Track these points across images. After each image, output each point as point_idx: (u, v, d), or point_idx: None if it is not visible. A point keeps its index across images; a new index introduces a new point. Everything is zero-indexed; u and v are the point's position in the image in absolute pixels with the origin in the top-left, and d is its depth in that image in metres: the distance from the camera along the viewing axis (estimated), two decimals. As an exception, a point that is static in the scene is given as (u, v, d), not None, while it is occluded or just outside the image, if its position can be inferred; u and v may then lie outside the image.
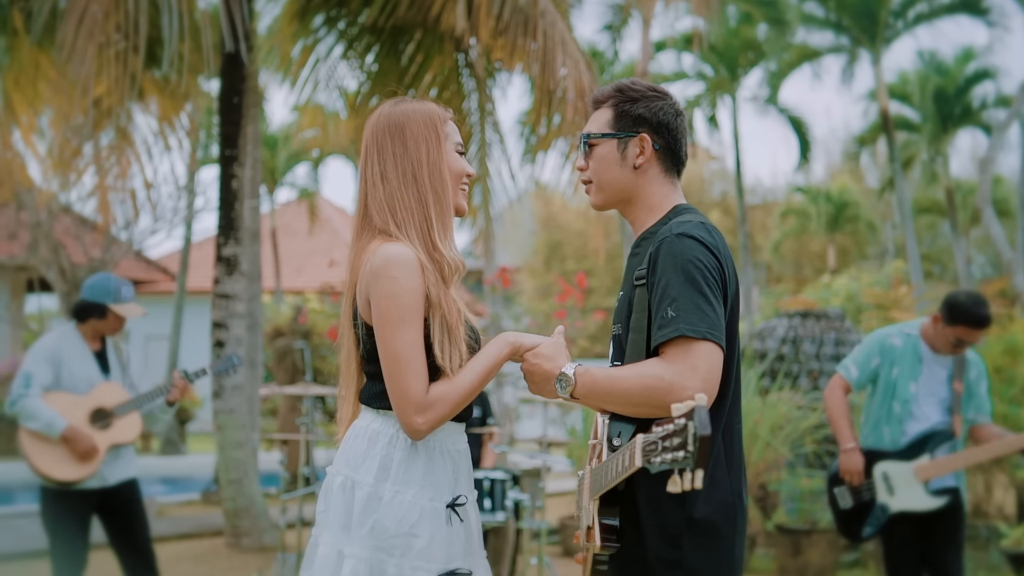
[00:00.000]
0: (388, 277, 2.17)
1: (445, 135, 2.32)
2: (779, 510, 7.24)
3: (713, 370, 2.01)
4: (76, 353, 4.75)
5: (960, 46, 23.67)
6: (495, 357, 2.23)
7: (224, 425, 7.84)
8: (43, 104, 8.92)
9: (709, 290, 2.05)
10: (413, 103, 2.35)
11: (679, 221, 2.17)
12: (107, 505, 4.82)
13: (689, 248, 2.08)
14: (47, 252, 10.45)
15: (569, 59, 7.69)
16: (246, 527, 7.84)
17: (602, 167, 2.30)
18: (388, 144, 2.30)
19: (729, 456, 2.16)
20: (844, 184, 26.63)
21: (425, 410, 2.16)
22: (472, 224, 9.09)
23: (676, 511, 2.09)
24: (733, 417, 2.19)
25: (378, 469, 2.21)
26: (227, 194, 7.86)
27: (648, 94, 2.29)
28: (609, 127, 2.29)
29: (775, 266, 29.88)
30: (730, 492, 2.14)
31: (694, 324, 2.01)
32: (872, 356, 4.54)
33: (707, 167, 32.01)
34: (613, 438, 2.10)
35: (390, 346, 2.17)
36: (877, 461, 4.49)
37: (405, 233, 2.24)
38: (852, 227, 26.28)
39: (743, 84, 21.28)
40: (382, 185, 2.29)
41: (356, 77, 9.20)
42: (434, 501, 2.21)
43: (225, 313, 7.80)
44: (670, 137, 2.28)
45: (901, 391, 4.47)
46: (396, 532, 2.17)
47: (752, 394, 7.49)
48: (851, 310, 13.49)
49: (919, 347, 4.49)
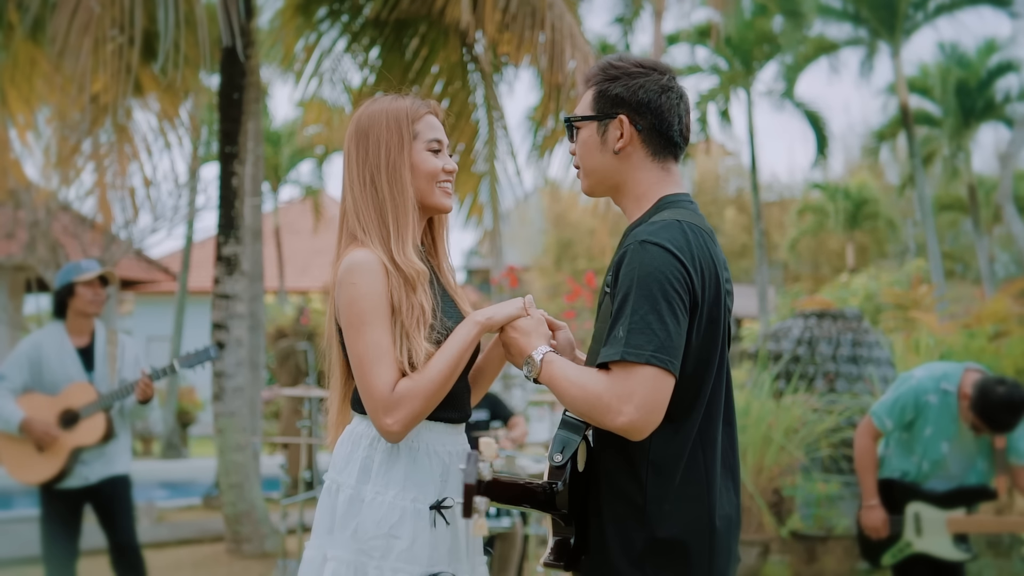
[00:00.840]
0: (347, 284, 2.21)
1: (413, 134, 2.32)
2: (794, 516, 7.20)
3: (652, 396, 1.94)
4: (56, 352, 4.82)
5: (982, 38, 23.64)
6: (463, 339, 2.22)
7: (224, 428, 7.84)
8: (39, 101, 8.94)
9: (667, 306, 1.95)
10: (385, 101, 2.36)
11: (651, 223, 2.06)
12: (95, 505, 4.91)
13: (652, 258, 1.98)
14: (45, 251, 10.48)
15: (578, 52, 7.67)
16: (247, 533, 7.84)
17: (584, 152, 2.21)
18: (354, 149, 2.33)
19: (710, 473, 2.07)
20: (863, 180, 26.53)
21: (392, 409, 2.15)
22: (478, 222, 9.07)
23: (639, 531, 2.03)
24: (715, 430, 2.10)
25: (359, 471, 2.24)
26: (227, 192, 7.86)
27: (631, 70, 2.15)
28: (590, 109, 2.19)
29: (792, 265, 29.82)
30: (706, 510, 2.05)
31: (639, 347, 1.93)
32: (907, 411, 4.41)
33: (722, 163, 31.97)
34: (555, 454, 2.04)
35: (353, 351, 2.20)
36: (912, 499, 4.46)
37: (370, 239, 2.27)
38: (871, 225, 26.20)
39: (758, 78, 21.25)
40: (350, 191, 2.33)
41: (360, 72, 9.20)
42: (417, 502, 2.21)
43: (225, 314, 7.80)
44: (655, 117, 2.13)
45: (931, 451, 4.40)
46: (376, 533, 2.18)
47: (766, 396, 7.46)
48: (870, 310, 13.46)
49: (954, 407, 4.36)
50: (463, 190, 8.89)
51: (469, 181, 8.91)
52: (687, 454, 2.05)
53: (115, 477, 4.93)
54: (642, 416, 1.94)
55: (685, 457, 2.05)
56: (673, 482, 2.03)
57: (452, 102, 8.82)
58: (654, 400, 1.94)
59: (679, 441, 2.04)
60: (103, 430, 4.80)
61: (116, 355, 4.96)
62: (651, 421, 1.96)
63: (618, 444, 2.04)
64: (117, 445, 4.92)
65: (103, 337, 4.98)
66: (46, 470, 4.77)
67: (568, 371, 2.05)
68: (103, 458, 4.87)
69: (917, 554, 4.45)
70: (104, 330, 5.02)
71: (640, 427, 1.95)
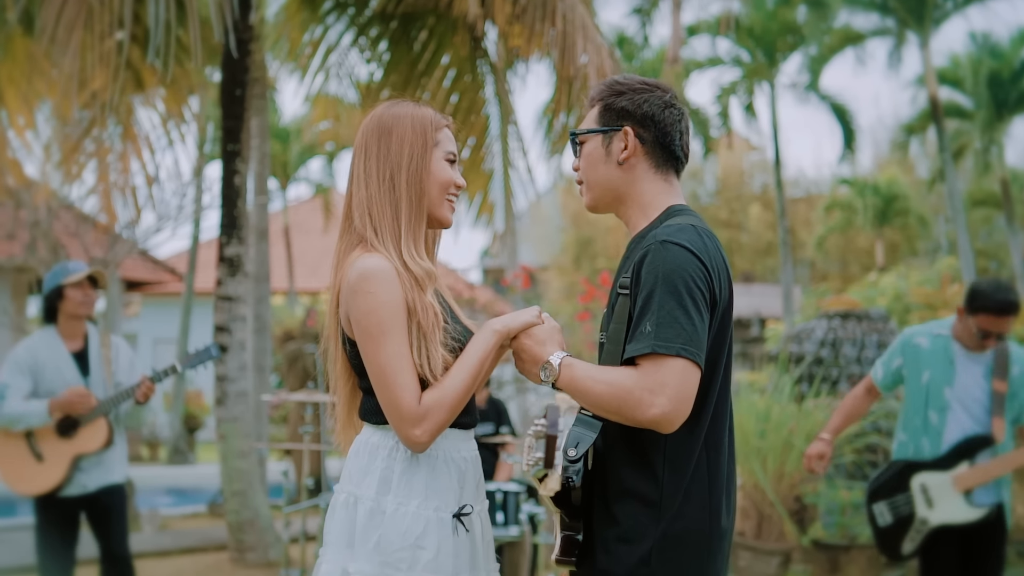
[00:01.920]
0: (364, 293, 2.23)
1: (435, 142, 2.38)
2: (816, 524, 7.16)
3: (683, 387, 2.03)
4: (52, 357, 4.83)
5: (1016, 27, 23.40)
6: (483, 349, 2.28)
7: (227, 434, 7.86)
8: (38, 99, 8.97)
9: (692, 302, 2.06)
10: (408, 106, 2.41)
11: (667, 225, 2.17)
12: (89, 512, 4.91)
13: (674, 256, 2.08)
14: (46, 252, 10.54)
15: (591, 45, 7.63)
16: (251, 541, 7.85)
17: (588, 164, 2.34)
18: (374, 145, 2.37)
19: (713, 471, 2.18)
20: (893, 176, 26.34)
21: (420, 421, 2.20)
22: (488, 222, 9.06)
23: (645, 526, 2.12)
24: (720, 431, 2.21)
25: (379, 483, 2.27)
26: (229, 191, 7.87)
27: (636, 87, 2.31)
28: (595, 123, 2.33)
29: (819, 263, 29.67)
30: (706, 509, 2.15)
31: (668, 340, 2.03)
32: (895, 356, 4.52)
33: (746, 158, 31.85)
34: (569, 449, 2.13)
35: (375, 362, 2.22)
36: (915, 472, 4.43)
37: (381, 239, 2.30)
38: (902, 221, 26.00)
39: (782, 70, 21.13)
40: (364, 187, 2.36)
41: (367, 66, 9.20)
42: (439, 511, 2.26)
43: (228, 316, 7.81)
44: (658, 131, 2.28)
45: (935, 398, 4.40)
46: (402, 545, 2.22)
47: (787, 400, 7.42)
48: (899, 310, 13.35)
49: (950, 347, 4.42)
50: (472, 188, 8.87)
51: (479, 179, 8.90)
52: (696, 454, 2.16)
53: (112, 486, 4.94)
54: (674, 407, 2.02)
55: (695, 457, 2.15)
56: (684, 480, 2.14)
57: (461, 97, 8.81)
58: (685, 391, 2.03)
59: (692, 442, 2.14)
60: (105, 437, 4.81)
61: (111, 358, 4.97)
62: (682, 411, 2.04)
63: (630, 440, 2.14)
64: (114, 452, 4.94)
65: (97, 340, 4.99)
66: (47, 480, 4.77)
67: (591, 371, 2.13)
68: (101, 466, 4.88)
69: (937, 530, 4.39)
70: (97, 333, 5.03)
71: (672, 418, 2.03)
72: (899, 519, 4.48)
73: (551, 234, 31.60)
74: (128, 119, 8.70)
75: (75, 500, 4.86)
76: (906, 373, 4.49)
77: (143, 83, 8.64)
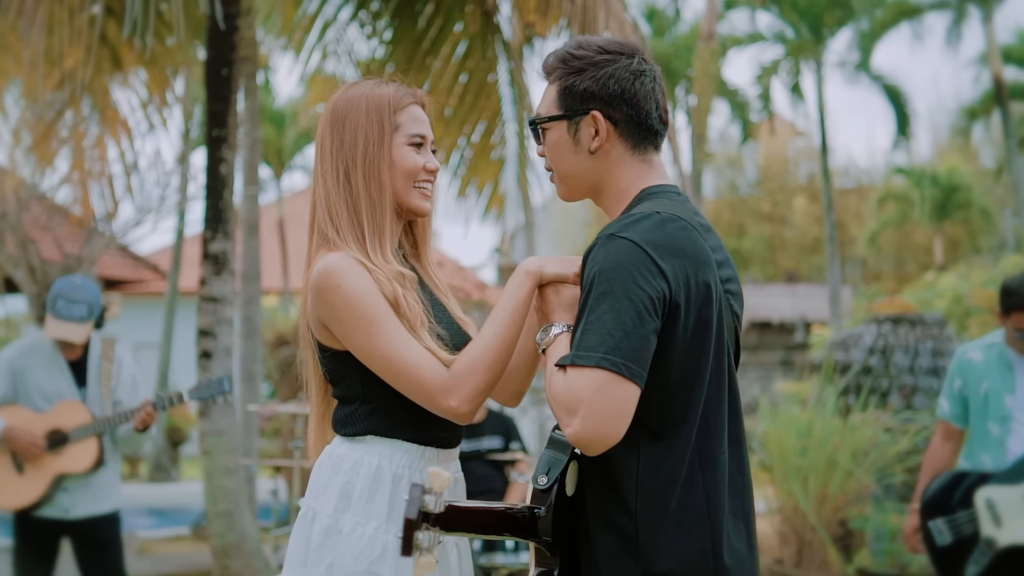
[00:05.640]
0: (331, 288, 2.23)
1: (394, 126, 2.34)
2: (863, 551, 7.14)
3: (603, 404, 1.91)
4: (44, 364, 4.80)
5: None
6: (516, 293, 2.21)
7: (211, 449, 7.84)
8: (7, 79, 9.00)
9: (629, 304, 1.94)
10: (366, 87, 2.38)
11: (628, 214, 2.09)
12: (75, 542, 4.89)
13: (616, 253, 1.99)
14: (15, 247, 10.56)
15: (613, 20, 7.61)
16: (237, 567, 7.85)
17: (556, 155, 2.24)
18: (327, 138, 2.37)
19: (713, 498, 2.05)
20: (953, 164, 26.25)
21: (453, 390, 2.17)
22: (499, 215, 9.04)
23: (630, 564, 2.00)
24: (715, 445, 2.08)
25: (338, 498, 2.27)
26: (214, 181, 7.86)
27: (596, 59, 2.17)
28: (556, 107, 2.21)
29: (872, 261, 29.60)
30: (709, 542, 2.02)
31: (589, 349, 1.93)
32: (954, 378, 4.54)
33: (791, 145, 31.78)
34: (540, 476, 2.04)
35: (374, 355, 2.21)
36: (978, 486, 4.39)
37: (344, 240, 2.29)
38: (963, 215, 25.91)
39: (830, 47, 21.07)
40: (322, 184, 2.37)
41: (368, 43, 9.20)
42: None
43: (212, 319, 7.81)
44: (630, 107, 2.16)
45: (995, 408, 4.41)
46: (354, 569, 2.21)
47: (831, 414, 7.40)
48: (958, 313, 13.29)
49: (1006, 354, 4.45)
50: (483, 178, 8.85)
51: (488, 169, 8.88)
52: (683, 476, 2.03)
53: (103, 516, 4.91)
54: (588, 428, 1.91)
55: (681, 480, 2.03)
56: (668, 509, 2.01)
57: (471, 77, 8.79)
58: (607, 408, 1.91)
59: (672, 461, 2.02)
60: (94, 458, 4.78)
61: (112, 372, 4.94)
62: (602, 433, 1.92)
63: (603, 465, 2.03)
64: (105, 476, 4.90)
65: (98, 350, 4.96)
66: (25, 495, 4.74)
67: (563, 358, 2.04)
68: (89, 491, 4.84)
69: (1006, 551, 4.31)
70: (99, 342, 5.00)
71: (587, 440, 1.92)
72: (961, 539, 4.44)
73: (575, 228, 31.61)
74: (105, 101, 8.71)
75: (55, 524, 4.83)
76: (967, 391, 4.49)
77: (121, 62, 8.64)
